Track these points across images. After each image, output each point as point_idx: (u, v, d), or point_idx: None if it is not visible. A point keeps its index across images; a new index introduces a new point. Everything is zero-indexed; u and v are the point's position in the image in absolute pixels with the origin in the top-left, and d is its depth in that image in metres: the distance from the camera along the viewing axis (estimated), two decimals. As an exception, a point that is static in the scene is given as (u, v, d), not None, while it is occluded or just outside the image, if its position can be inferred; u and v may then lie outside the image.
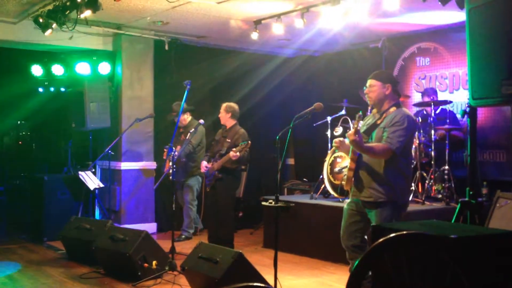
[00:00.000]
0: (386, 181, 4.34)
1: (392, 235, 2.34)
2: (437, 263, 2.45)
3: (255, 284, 2.08)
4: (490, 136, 7.04)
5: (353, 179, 4.47)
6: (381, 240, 2.31)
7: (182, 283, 5.27)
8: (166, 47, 8.42)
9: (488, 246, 2.66)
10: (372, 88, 4.51)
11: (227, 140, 6.78)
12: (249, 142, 6.40)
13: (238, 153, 6.34)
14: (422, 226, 3.02)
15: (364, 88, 4.62)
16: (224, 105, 6.96)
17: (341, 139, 4.64)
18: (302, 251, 6.83)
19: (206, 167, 6.83)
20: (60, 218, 7.19)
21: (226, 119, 6.91)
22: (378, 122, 4.49)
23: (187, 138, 7.02)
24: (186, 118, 7.73)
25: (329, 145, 7.34)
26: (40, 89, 9.68)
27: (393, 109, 4.46)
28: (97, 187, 7.48)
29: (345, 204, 4.74)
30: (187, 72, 8.16)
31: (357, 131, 4.21)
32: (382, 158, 4.34)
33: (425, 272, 2.47)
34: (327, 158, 6.95)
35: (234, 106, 6.94)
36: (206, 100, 8.84)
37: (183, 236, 7.69)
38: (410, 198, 5.44)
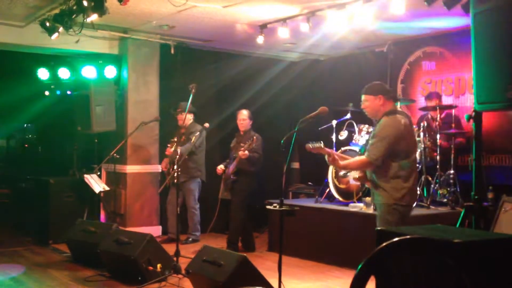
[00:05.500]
0: (380, 185, 4.45)
1: (396, 239, 2.34)
2: (442, 268, 2.45)
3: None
4: (495, 141, 7.01)
5: (366, 180, 4.67)
6: (384, 244, 2.31)
7: (187, 286, 5.28)
8: (172, 51, 8.44)
9: (493, 251, 2.65)
10: (366, 103, 4.61)
11: (241, 144, 6.98)
12: (255, 138, 6.83)
13: (246, 152, 6.77)
14: (427, 230, 3.01)
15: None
16: (246, 112, 7.29)
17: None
18: (307, 255, 6.82)
19: (221, 169, 7.20)
20: (65, 221, 7.20)
21: (247, 125, 7.23)
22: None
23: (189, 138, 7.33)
24: (189, 118, 7.73)
25: (334, 149, 7.33)
26: (46, 92, 9.72)
27: (383, 118, 4.52)
28: (102, 190, 7.50)
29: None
30: (193, 76, 8.14)
31: (330, 154, 4.50)
32: (366, 169, 4.56)
33: (429, 277, 2.46)
34: (332, 162, 6.93)
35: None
36: (211, 104, 8.83)
37: (190, 239, 7.73)
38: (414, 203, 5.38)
